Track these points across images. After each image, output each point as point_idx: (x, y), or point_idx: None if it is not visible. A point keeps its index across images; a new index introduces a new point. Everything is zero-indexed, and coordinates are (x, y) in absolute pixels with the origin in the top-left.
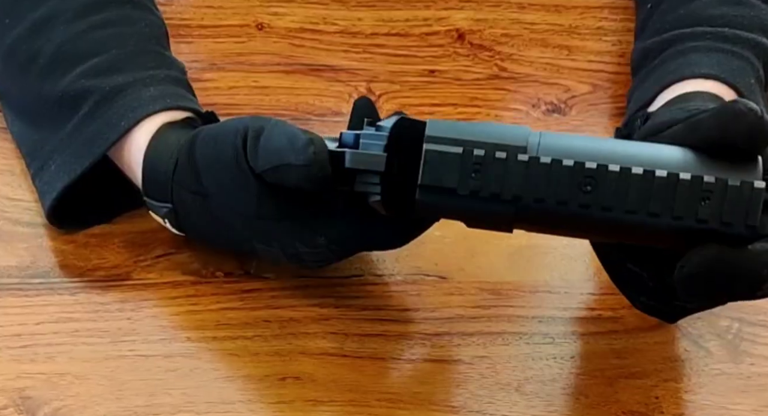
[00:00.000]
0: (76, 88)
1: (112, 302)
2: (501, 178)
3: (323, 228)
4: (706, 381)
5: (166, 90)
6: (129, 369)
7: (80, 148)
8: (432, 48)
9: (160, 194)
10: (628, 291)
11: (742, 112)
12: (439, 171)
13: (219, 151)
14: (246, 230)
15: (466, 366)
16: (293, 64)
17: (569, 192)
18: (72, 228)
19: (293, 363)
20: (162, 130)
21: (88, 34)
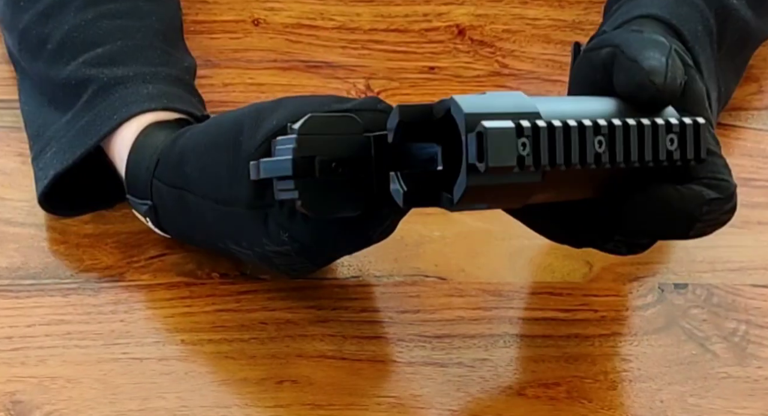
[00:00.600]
0: (77, 75)
1: (104, 304)
2: (545, 147)
3: (287, 222)
4: (713, 385)
5: (165, 89)
6: (122, 372)
7: (74, 138)
8: (432, 44)
9: (140, 191)
10: (552, 237)
11: (645, 84)
12: (502, 150)
13: (218, 131)
14: (219, 225)
15: (467, 369)
16: (290, 61)
17: (588, 150)
18: (64, 215)
19: (290, 366)
20: (149, 128)
21: (96, 23)
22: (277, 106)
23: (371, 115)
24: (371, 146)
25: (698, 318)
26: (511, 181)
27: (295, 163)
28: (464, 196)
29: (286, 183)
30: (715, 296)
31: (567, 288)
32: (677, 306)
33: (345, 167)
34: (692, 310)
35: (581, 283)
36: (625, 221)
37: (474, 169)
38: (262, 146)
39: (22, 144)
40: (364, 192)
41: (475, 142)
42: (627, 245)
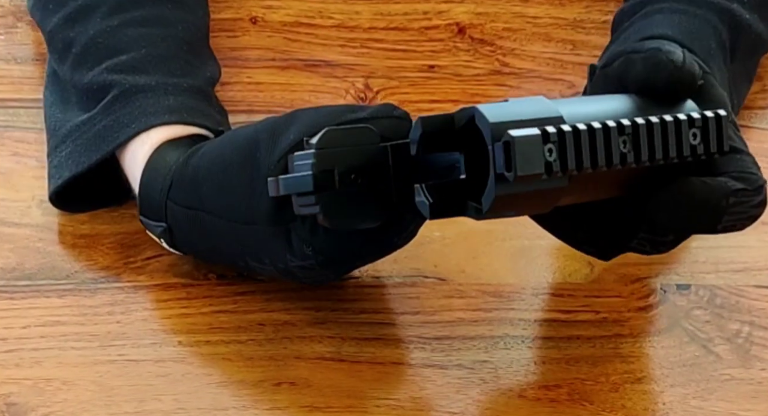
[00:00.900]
0: (99, 80)
1: (101, 305)
2: (571, 152)
3: (310, 236)
4: (716, 387)
5: (185, 102)
6: (118, 374)
7: (90, 141)
8: (431, 42)
9: (155, 213)
10: (572, 240)
11: (663, 62)
12: (530, 158)
13: (232, 150)
14: (238, 244)
15: (467, 371)
16: (288, 60)
17: (614, 151)
18: (75, 211)
19: (288, 368)
20: (162, 147)
21: (121, 30)
22: (292, 120)
23: (387, 123)
24: (389, 155)
25: (701, 320)
26: (538, 187)
27: (315, 178)
28: (493, 206)
29: (307, 198)
30: (719, 297)
31: (568, 289)
32: (680, 308)
33: (364, 178)
34: (695, 311)
35: (583, 284)
36: (650, 216)
37: (502, 179)
38: (281, 162)
39: (17, 143)
40: (385, 200)
41: (502, 151)
42: (652, 242)
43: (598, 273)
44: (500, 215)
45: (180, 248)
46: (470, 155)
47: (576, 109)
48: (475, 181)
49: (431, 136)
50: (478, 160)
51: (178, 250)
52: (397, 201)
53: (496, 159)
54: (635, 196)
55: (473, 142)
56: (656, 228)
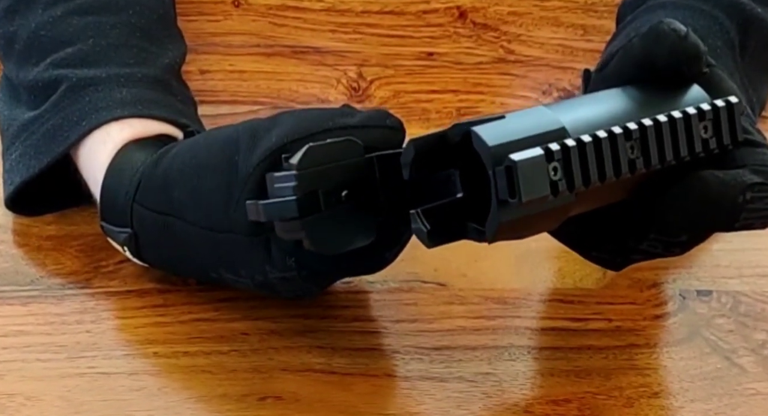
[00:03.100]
0: (45, 77)
1: (69, 313)
2: (577, 167)
3: (293, 247)
4: (740, 402)
5: (141, 94)
6: (88, 388)
7: (40, 142)
8: (430, 28)
9: (118, 217)
10: (579, 246)
11: (665, 32)
12: (534, 181)
13: (209, 152)
14: (213, 253)
15: (469, 384)
16: (274, 46)
17: (622, 159)
18: (31, 215)
19: (274, 380)
20: (126, 148)
21: (65, 20)
22: (275, 123)
23: (379, 133)
24: (375, 167)
25: (724, 329)
26: (544, 208)
27: (299, 202)
28: (497, 232)
29: (291, 223)
30: (743, 304)
31: (578, 295)
32: (700, 316)
33: (350, 195)
34: (717, 320)
35: (594, 290)
36: (662, 214)
37: (505, 204)
38: (260, 166)
39: None
40: (374, 216)
41: (504, 176)
42: (664, 244)
43: (610, 278)
44: (505, 239)
45: (145, 257)
46: (465, 171)
47: (577, 114)
48: (474, 199)
49: (424, 156)
50: (474, 175)
51: (143, 260)
52: (387, 215)
53: (498, 184)
54: (645, 195)
55: (468, 157)
56: (668, 228)
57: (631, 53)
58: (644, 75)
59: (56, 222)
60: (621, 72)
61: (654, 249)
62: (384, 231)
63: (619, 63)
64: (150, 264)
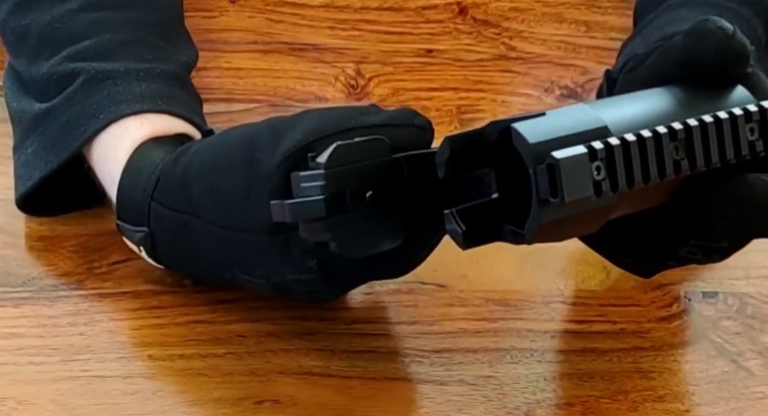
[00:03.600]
0: (59, 70)
1: (62, 315)
2: (621, 168)
3: (315, 247)
4: (747, 406)
5: (160, 89)
6: (82, 392)
7: (57, 135)
8: (429, 24)
9: (135, 216)
10: (610, 251)
11: (711, 30)
12: (577, 180)
13: (227, 149)
14: (229, 253)
15: (469, 388)
16: (271, 43)
17: (666, 160)
18: (44, 214)
19: (272, 384)
20: (145, 145)
21: (80, 14)
22: (297, 121)
23: (407, 132)
24: (403, 168)
25: (730, 331)
26: (585, 209)
27: (328, 202)
28: (537, 233)
29: (318, 224)
30: (750, 306)
31: (582, 296)
32: (706, 318)
33: (378, 195)
34: (723, 322)
35: (598, 291)
36: (705, 219)
37: (545, 204)
38: (283, 165)
39: None
40: (401, 218)
41: (545, 175)
42: (704, 250)
43: (614, 280)
44: (544, 241)
45: (160, 257)
46: (500, 171)
47: (618, 113)
48: (509, 200)
49: (460, 155)
50: (510, 175)
51: (158, 260)
52: (415, 217)
53: (539, 183)
54: (687, 200)
55: (504, 156)
56: (710, 233)
57: (673, 52)
58: (686, 74)
59: (48, 223)
60: (660, 71)
61: (693, 255)
62: (411, 234)
63: (657, 62)
64: (164, 264)
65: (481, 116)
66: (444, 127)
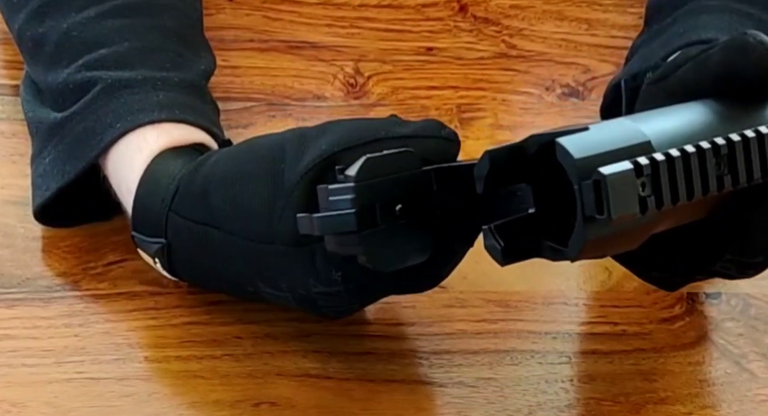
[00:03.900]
0: (77, 78)
1: (56, 316)
2: (666, 184)
3: (341, 260)
4: (750, 409)
5: (177, 98)
6: (76, 394)
7: (73, 145)
8: (429, 22)
9: (152, 227)
10: (639, 265)
11: (751, 45)
12: (624, 197)
13: (252, 159)
14: (252, 265)
15: (470, 390)
16: (269, 41)
17: (710, 174)
18: (61, 225)
19: (269, 386)
20: (163, 155)
21: (99, 22)
22: (323, 131)
23: (434, 144)
24: (432, 181)
25: (733, 333)
26: (629, 226)
27: (358, 215)
28: (582, 251)
29: (347, 238)
30: (753, 307)
31: (583, 298)
32: (709, 319)
33: (407, 208)
34: (726, 323)
35: (599, 293)
36: (746, 235)
37: (591, 220)
38: (308, 175)
39: None
40: (431, 231)
41: (591, 191)
42: (739, 265)
43: (616, 280)
44: (587, 258)
45: (177, 270)
46: (537, 185)
47: (659, 127)
48: (547, 215)
49: (499, 169)
50: (547, 190)
51: (175, 273)
52: (443, 230)
53: (585, 200)
54: (726, 215)
55: (542, 170)
56: (748, 249)
57: (708, 65)
58: (723, 88)
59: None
60: (693, 84)
61: (727, 271)
62: (439, 248)
63: (690, 74)
64: (182, 278)
65: (481, 115)
66: None
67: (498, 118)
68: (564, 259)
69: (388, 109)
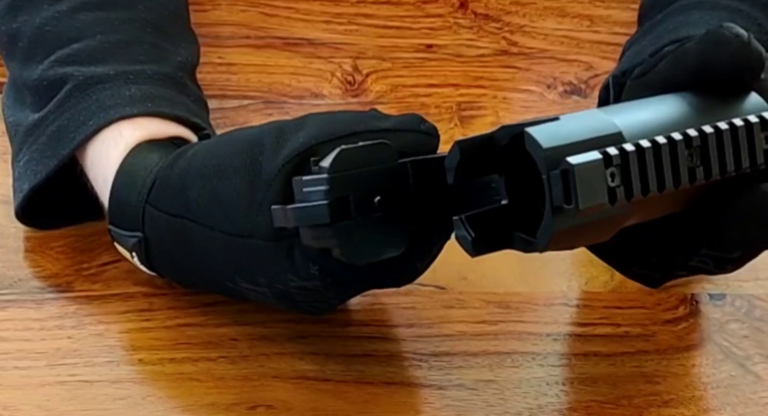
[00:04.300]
0: (49, 75)
1: (49, 318)
2: (635, 175)
3: (317, 254)
4: (755, 412)
5: (150, 91)
6: (69, 397)
7: (46, 145)
8: (429, 18)
9: (128, 221)
10: (619, 261)
11: (726, 38)
12: (592, 187)
13: (230, 152)
14: (230, 260)
15: (469, 392)
16: (265, 38)
17: (681, 168)
18: (46, 227)
19: (265, 389)
20: (139, 148)
21: (72, 15)
22: (302, 124)
23: (413, 137)
24: (409, 173)
25: (738, 335)
26: (598, 217)
27: (331, 207)
28: (550, 241)
29: (321, 230)
30: (758, 308)
31: (584, 298)
32: (713, 321)
33: (382, 201)
34: (730, 325)
35: (601, 293)
36: (719, 231)
37: (559, 210)
38: (286, 167)
39: None
40: (407, 224)
41: (559, 181)
42: (716, 260)
43: (619, 281)
44: (556, 249)
45: (155, 264)
46: (510, 176)
47: (631, 118)
48: (519, 206)
49: (469, 160)
50: (519, 181)
51: (152, 268)
52: (420, 223)
53: (553, 190)
54: (700, 209)
55: (513, 162)
56: (724, 244)
57: (686, 58)
58: (699, 81)
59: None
60: (671, 77)
61: (704, 265)
62: (416, 241)
63: (669, 68)
64: (159, 272)
65: (481, 113)
66: (444, 125)
67: (499, 117)
68: (534, 251)
69: (387, 108)
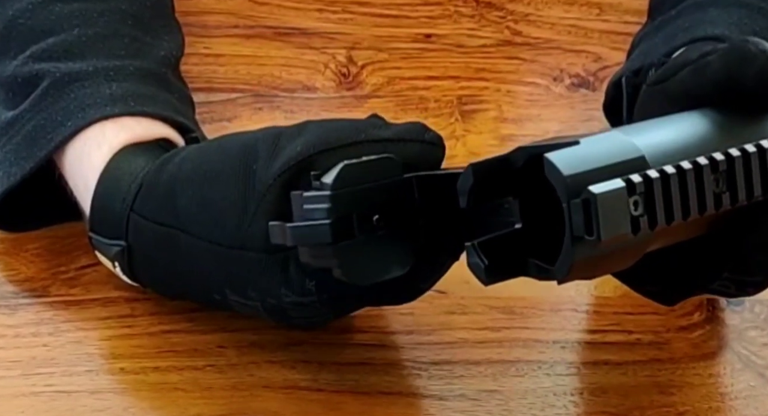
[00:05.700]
0: (24, 71)
1: (23, 324)
2: (660, 203)
3: (315, 269)
4: None
5: (133, 88)
6: (45, 408)
7: (21, 145)
8: (428, 7)
9: (111, 229)
10: (633, 279)
11: (752, 53)
12: (614, 217)
13: (223, 158)
14: (220, 271)
15: (471, 403)
16: (255, 27)
17: (707, 191)
18: (18, 230)
19: (255, 399)
20: (124, 151)
21: (47, 8)
22: (300, 131)
23: (417, 148)
24: (414, 189)
25: (757, 342)
26: (620, 246)
27: (334, 227)
28: (570, 272)
29: (322, 249)
30: None
31: (594, 304)
32: (731, 327)
33: (386, 219)
34: (750, 332)
35: (612, 298)
36: (746, 254)
37: (579, 240)
38: (282, 177)
39: None
40: (411, 243)
41: (581, 210)
42: (738, 284)
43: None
44: (575, 279)
45: (138, 275)
46: (526, 199)
47: (653, 140)
48: (534, 231)
49: (483, 183)
50: (535, 204)
51: (135, 278)
52: (426, 241)
53: (574, 219)
54: (725, 234)
55: (529, 184)
56: (748, 268)
57: (708, 72)
58: (723, 96)
59: None
60: (693, 89)
61: (726, 289)
62: (421, 260)
63: (690, 79)
64: (142, 283)
65: (484, 107)
66: (444, 119)
67: (502, 111)
68: (551, 279)
69: (384, 101)
